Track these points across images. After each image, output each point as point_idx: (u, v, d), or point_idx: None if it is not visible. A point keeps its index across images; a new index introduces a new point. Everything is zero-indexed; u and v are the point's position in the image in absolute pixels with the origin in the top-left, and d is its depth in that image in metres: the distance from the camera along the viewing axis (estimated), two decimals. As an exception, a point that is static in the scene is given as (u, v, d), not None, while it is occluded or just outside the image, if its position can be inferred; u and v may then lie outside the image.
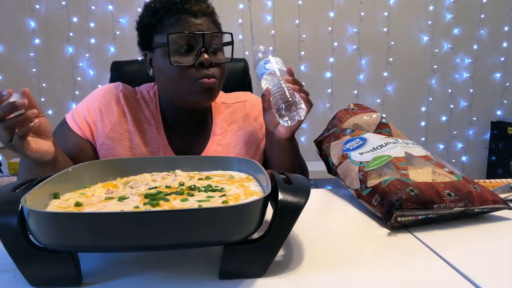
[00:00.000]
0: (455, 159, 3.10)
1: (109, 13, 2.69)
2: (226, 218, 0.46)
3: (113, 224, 0.44)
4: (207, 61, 0.88)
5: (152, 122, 0.99)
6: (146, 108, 1.00)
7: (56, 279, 0.48)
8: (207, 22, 0.91)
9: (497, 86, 3.06)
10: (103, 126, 0.95)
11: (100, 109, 0.96)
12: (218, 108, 1.06)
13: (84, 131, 0.95)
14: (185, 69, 0.88)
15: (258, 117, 1.07)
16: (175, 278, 0.52)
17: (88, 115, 0.95)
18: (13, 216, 0.47)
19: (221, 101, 1.08)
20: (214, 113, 1.05)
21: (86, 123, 0.95)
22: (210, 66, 0.89)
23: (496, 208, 0.73)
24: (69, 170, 0.63)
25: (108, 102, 0.97)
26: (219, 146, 1.01)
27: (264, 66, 0.89)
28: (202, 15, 0.90)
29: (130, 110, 0.98)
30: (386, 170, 0.75)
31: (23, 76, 2.68)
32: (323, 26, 2.84)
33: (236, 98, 1.10)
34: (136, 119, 0.98)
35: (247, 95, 1.12)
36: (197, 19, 0.89)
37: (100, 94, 0.99)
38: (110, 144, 0.95)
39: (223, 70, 0.94)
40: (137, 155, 0.96)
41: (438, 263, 0.56)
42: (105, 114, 0.96)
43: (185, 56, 0.88)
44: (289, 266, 0.55)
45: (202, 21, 0.90)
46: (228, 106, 1.07)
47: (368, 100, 2.93)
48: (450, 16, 2.93)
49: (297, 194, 0.52)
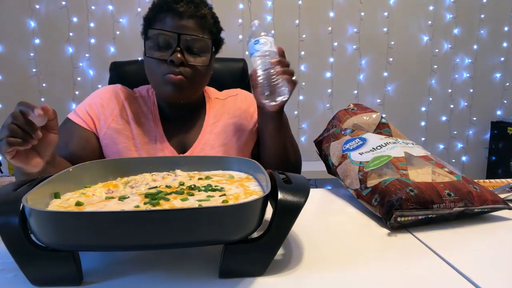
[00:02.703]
0: (455, 159, 3.10)
1: (109, 13, 2.69)
2: (226, 218, 0.47)
3: (113, 223, 0.44)
4: (177, 59, 0.93)
5: (149, 117, 1.05)
6: (144, 104, 1.07)
7: (57, 278, 0.48)
8: (192, 24, 0.95)
9: (497, 86, 3.06)
10: (105, 118, 1.02)
11: (101, 104, 1.03)
12: (211, 102, 1.12)
13: (87, 123, 1.01)
14: (158, 63, 0.95)
15: (249, 107, 1.12)
16: (175, 277, 0.52)
17: (90, 110, 1.02)
18: (14, 215, 0.47)
19: (215, 97, 1.14)
20: (208, 108, 1.11)
21: (89, 116, 1.01)
22: (182, 65, 0.94)
23: (496, 208, 0.73)
24: (70, 170, 0.64)
25: (109, 98, 1.04)
26: (211, 134, 1.06)
27: (254, 46, 0.91)
28: (188, 17, 0.95)
29: (129, 105, 1.05)
30: (386, 170, 0.75)
31: (23, 76, 2.68)
32: (323, 26, 2.84)
33: (228, 93, 1.16)
34: (135, 114, 1.04)
35: (238, 90, 1.18)
36: (181, 20, 0.94)
37: (100, 92, 1.06)
38: (113, 134, 1.01)
39: (197, 72, 0.97)
40: (136, 145, 1.01)
41: (438, 263, 0.56)
42: (106, 108, 1.03)
43: (160, 52, 0.95)
44: (289, 265, 0.55)
45: (186, 22, 0.95)
46: (221, 100, 1.13)
47: (368, 100, 2.93)
48: (450, 16, 2.93)
49: (296, 193, 0.53)
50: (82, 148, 0.97)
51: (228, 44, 3.15)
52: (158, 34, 0.94)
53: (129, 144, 1.01)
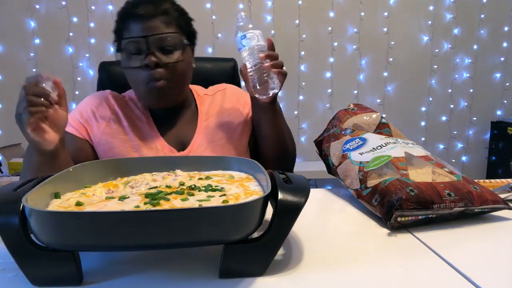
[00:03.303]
0: (455, 159, 3.10)
1: (109, 13, 2.69)
2: (226, 218, 0.47)
3: (114, 223, 0.44)
4: (151, 62, 0.91)
5: (143, 119, 1.04)
6: (135, 107, 1.06)
7: (57, 278, 0.49)
8: (157, 23, 0.94)
9: (497, 86, 3.06)
10: (98, 125, 1.01)
11: (92, 110, 1.02)
12: (201, 99, 1.11)
13: (80, 131, 1.00)
14: (135, 72, 0.94)
15: (239, 99, 1.12)
16: (175, 278, 0.52)
17: (81, 117, 1.01)
18: (14, 215, 0.47)
19: (203, 93, 1.13)
20: (198, 104, 1.10)
21: (81, 124, 1.01)
22: (158, 67, 0.92)
23: (496, 208, 0.73)
24: (70, 170, 0.64)
25: (99, 103, 1.04)
26: (207, 129, 1.06)
27: (241, 42, 0.91)
28: (150, 17, 0.93)
29: (121, 109, 1.04)
30: (386, 170, 0.75)
31: (23, 76, 2.64)
32: (323, 26, 2.84)
33: (215, 89, 1.15)
34: (128, 117, 1.03)
35: (224, 85, 1.17)
36: (145, 22, 0.93)
37: (90, 99, 1.06)
38: (108, 139, 1.00)
39: (176, 70, 0.95)
40: (134, 147, 1.00)
41: (438, 263, 0.56)
42: (97, 113, 1.02)
43: (134, 60, 0.94)
44: (289, 265, 0.55)
45: (151, 23, 0.93)
46: (210, 96, 1.13)
47: (368, 100, 2.93)
48: (450, 16, 2.93)
49: (297, 193, 0.53)
50: (75, 156, 0.95)
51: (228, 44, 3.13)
52: (127, 43, 0.94)
53: (126, 147, 0.99)
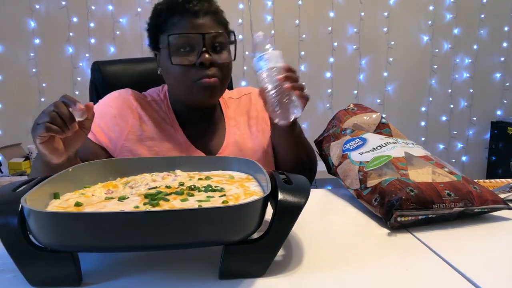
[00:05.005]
0: (455, 159, 3.10)
1: (109, 13, 2.70)
2: (226, 218, 0.46)
3: (113, 224, 0.44)
4: (207, 61, 0.89)
5: (167, 121, 1.00)
6: (159, 109, 1.01)
7: (56, 279, 0.48)
8: (210, 21, 0.92)
9: (497, 86, 3.06)
10: (120, 130, 0.95)
11: (113, 114, 0.96)
12: (226, 102, 1.08)
13: (97, 136, 0.94)
14: (186, 69, 0.90)
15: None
16: (175, 278, 0.52)
17: (102, 122, 0.95)
18: (13, 216, 0.47)
19: (228, 97, 1.10)
20: (223, 108, 1.07)
21: (100, 129, 0.95)
22: (212, 65, 0.90)
23: (496, 208, 0.73)
24: (69, 170, 0.63)
25: (121, 106, 0.97)
26: (236, 136, 1.03)
27: (258, 63, 0.86)
28: (204, 14, 0.91)
29: (145, 111, 0.98)
30: (386, 170, 0.75)
31: (23, 76, 2.67)
32: (323, 26, 2.84)
33: (240, 92, 1.12)
34: (153, 120, 0.98)
35: (249, 88, 1.15)
36: (198, 19, 0.90)
37: (110, 101, 0.99)
38: (131, 146, 0.95)
39: (227, 69, 0.95)
40: (160, 153, 0.95)
41: (438, 263, 0.56)
42: (119, 118, 0.96)
43: (186, 56, 0.90)
44: (289, 266, 0.55)
45: (204, 20, 0.91)
46: (235, 100, 1.10)
47: (368, 100, 2.93)
48: (450, 16, 2.93)
49: (297, 194, 0.52)
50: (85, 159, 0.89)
51: (228, 44, 3.08)
52: (176, 39, 0.89)
53: (151, 153, 0.95)
